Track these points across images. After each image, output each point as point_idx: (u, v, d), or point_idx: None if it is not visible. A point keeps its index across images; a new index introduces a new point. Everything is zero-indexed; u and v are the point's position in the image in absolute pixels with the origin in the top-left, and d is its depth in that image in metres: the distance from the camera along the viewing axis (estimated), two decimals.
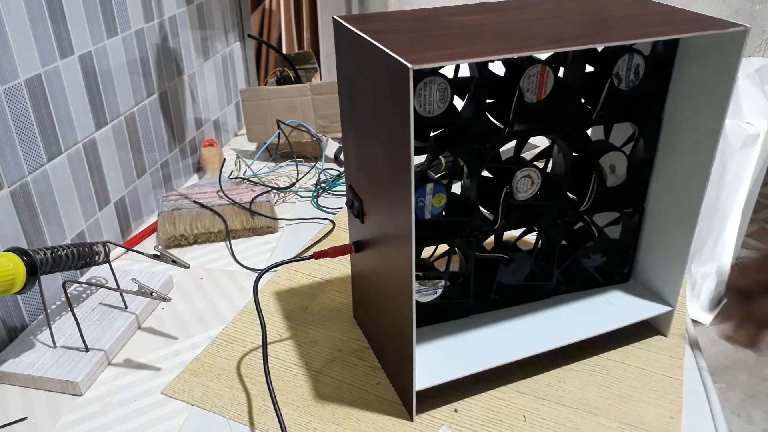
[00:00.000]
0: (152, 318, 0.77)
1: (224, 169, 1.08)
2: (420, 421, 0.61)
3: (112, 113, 0.88)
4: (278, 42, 1.98)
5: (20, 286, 0.63)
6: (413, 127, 0.47)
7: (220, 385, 0.66)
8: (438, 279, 0.64)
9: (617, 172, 0.67)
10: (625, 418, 0.61)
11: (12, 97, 0.69)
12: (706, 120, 0.61)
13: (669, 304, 0.71)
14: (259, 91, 1.14)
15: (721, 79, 0.59)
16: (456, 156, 0.61)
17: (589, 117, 0.63)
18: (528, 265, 0.69)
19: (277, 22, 1.97)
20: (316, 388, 0.66)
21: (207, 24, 1.15)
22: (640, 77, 0.63)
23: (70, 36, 0.77)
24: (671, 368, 0.67)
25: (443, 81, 0.55)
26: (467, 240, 0.64)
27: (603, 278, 0.74)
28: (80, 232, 0.83)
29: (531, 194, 0.64)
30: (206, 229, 0.92)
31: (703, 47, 0.60)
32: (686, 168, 0.65)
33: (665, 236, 0.69)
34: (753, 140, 1.76)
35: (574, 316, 0.70)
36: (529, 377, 0.66)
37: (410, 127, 0.47)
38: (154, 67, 0.98)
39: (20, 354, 0.68)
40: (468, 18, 0.59)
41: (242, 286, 0.83)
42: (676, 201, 0.67)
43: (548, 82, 0.60)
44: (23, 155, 0.71)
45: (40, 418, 0.62)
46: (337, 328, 0.74)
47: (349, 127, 0.63)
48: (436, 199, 0.60)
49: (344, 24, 0.57)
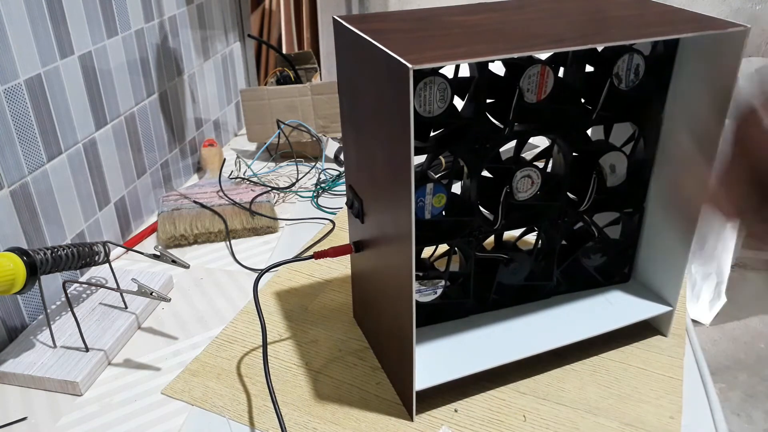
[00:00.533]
0: (152, 318, 0.77)
1: (224, 169, 1.08)
2: (420, 421, 0.61)
3: (112, 113, 0.88)
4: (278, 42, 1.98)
5: (20, 286, 0.63)
6: (413, 127, 0.47)
7: (220, 385, 0.66)
8: (438, 279, 0.64)
9: (617, 172, 0.67)
10: (625, 418, 0.61)
11: (12, 97, 0.69)
12: (707, 120, 0.61)
13: (669, 304, 0.71)
14: (259, 91, 1.14)
15: (721, 80, 0.59)
16: (456, 156, 0.61)
17: (589, 117, 0.63)
18: (528, 265, 0.69)
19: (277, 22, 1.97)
20: (315, 388, 0.66)
21: (207, 24, 1.15)
22: (640, 77, 0.63)
23: (70, 36, 0.77)
24: (671, 368, 0.67)
25: (443, 81, 0.55)
26: (467, 240, 0.64)
27: (603, 278, 0.74)
28: (80, 232, 0.83)
29: (531, 194, 0.64)
30: (206, 229, 0.92)
31: (703, 47, 0.60)
32: (686, 168, 0.65)
33: (665, 236, 0.69)
34: None
35: (574, 316, 0.70)
36: (529, 377, 0.66)
37: (410, 127, 0.47)
38: (154, 67, 0.98)
39: (20, 354, 0.68)
40: (468, 18, 0.59)
41: (242, 286, 0.83)
42: (676, 201, 0.67)
43: (548, 82, 0.60)
44: (23, 155, 0.71)
45: (40, 418, 0.62)
46: (337, 328, 0.74)
47: (349, 127, 0.63)
48: (436, 199, 0.60)
49: (344, 24, 0.57)
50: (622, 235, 0.74)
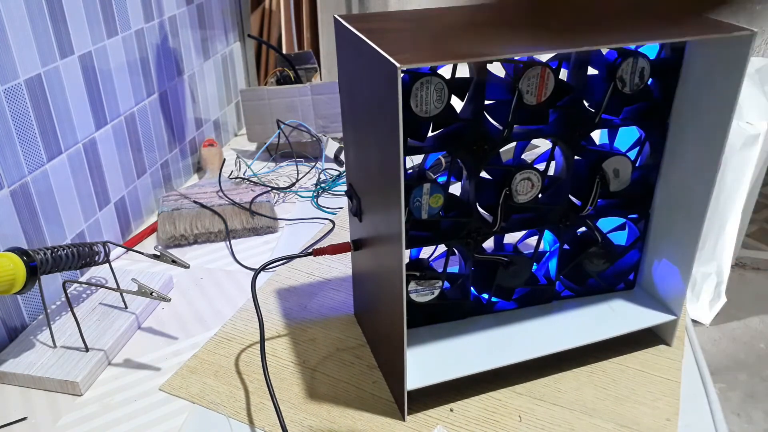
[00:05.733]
0: (152, 318, 0.77)
1: (224, 169, 1.08)
2: (415, 419, 0.62)
3: (112, 113, 0.88)
4: (278, 42, 1.98)
5: (20, 286, 0.63)
6: (406, 126, 0.47)
7: (217, 382, 0.66)
8: (435, 279, 0.65)
9: (621, 177, 0.66)
10: (622, 419, 0.61)
11: (12, 97, 0.69)
12: (712, 125, 0.60)
13: (673, 312, 0.69)
14: (259, 91, 1.14)
15: (727, 84, 0.58)
16: (454, 157, 0.61)
17: (592, 120, 0.63)
18: (528, 268, 0.69)
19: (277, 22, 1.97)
20: (312, 386, 0.66)
21: (207, 24, 1.15)
22: (645, 81, 0.62)
23: (70, 36, 0.78)
24: (669, 370, 0.67)
25: (440, 81, 0.55)
26: (465, 241, 0.64)
27: (606, 284, 0.73)
28: (80, 232, 0.83)
29: (531, 197, 0.64)
30: (206, 229, 0.92)
31: (709, 51, 0.59)
32: (691, 174, 0.64)
33: (670, 243, 0.68)
34: (753, 140, 1.76)
35: (574, 321, 0.69)
36: (525, 378, 0.66)
37: (399, 126, 0.47)
38: (154, 67, 0.98)
39: (20, 354, 0.68)
40: (468, 18, 0.59)
41: (242, 285, 0.83)
42: (681, 207, 0.66)
43: (548, 84, 0.59)
44: (23, 155, 0.71)
45: (40, 418, 0.63)
46: (336, 327, 0.75)
47: (349, 126, 0.64)
48: (433, 200, 0.60)
49: (344, 23, 0.57)
50: (627, 241, 0.73)
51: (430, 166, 0.72)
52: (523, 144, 0.66)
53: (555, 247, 0.70)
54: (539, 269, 0.72)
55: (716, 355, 1.93)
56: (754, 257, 2.34)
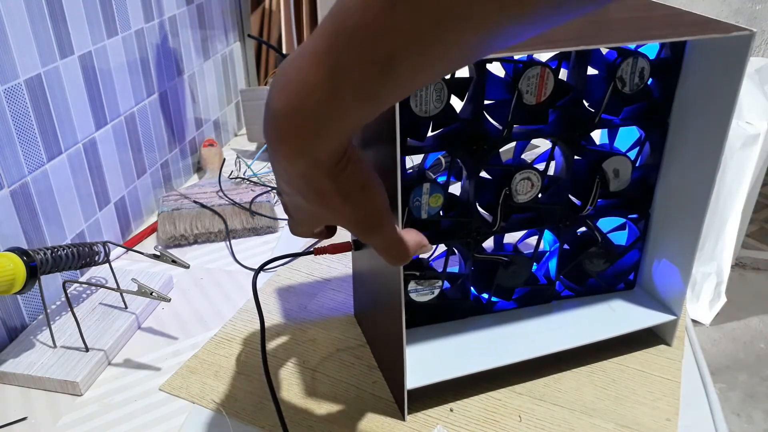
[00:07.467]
0: (152, 318, 0.77)
1: (224, 169, 1.08)
2: (415, 419, 0.62)
3: (112, 113, 0.88)
4: (278, 42, 1.98)
5: (20, 287, 0.63)
6: (400, 125, 0.47)
7: (218, 382, 0.66)
8: (435, 279, 0.65)
9: (621, 177, 0.66)
10: (622, 419, 0.61)
11: (12, 97, 0.69)
12: (712, 125, 0.60)
13: (673, 312, 0.69)
14: (259, 91, 1.14)
15: (726, 84, 0.58)
16: (453, 156, 0.61)
17: (592, 120, 0.63)
18: (528, 268, 0.69)
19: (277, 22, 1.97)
20: (312, 386, 0.66)
21: (207, 24, 1.15)
22: (645, 81, 0.62)
23: (70, 36, 0.78)
24: (669, 370, 0.67)
25: (439, 81, 0.55)
26: (465, 241, 0.64)
27: (606, 284, 0.73)
28: (80, 232, 0.83)
29: (531, 197, 0.64)
30: (206, 229, 0.92)
31: (709, 51, 0.59)
32: (691, 174, 0.64)
33: (670, 243, 0.68)
34: (753, 140, 1.76)
35: (574, 321, 0.69)
36: (526, 378, 0.66)
37: (397, 126, 0.47)
38: (154, 67, 0.98)
39: (20, 354, 0.68)
40: None
41: (242, 285, 0.83)
42: (681, 207, 0.66)
43: (548, 84, 0.59)
44: (23, 155, 0.71)
45: (40, 418, 0.63)
46: (336, 327, 0.75)
47: None
48: (433, 199, 0.60)
49: None
50: (627, 241, 0.73)
51: (429, 166, 0.73)
52: (523, 144, 0.66)
53: (555, 247, 0.70)
54: (539, 269, 0.72)
55: (716, 355, 1.93)
56: (754, 257, 2.34)
